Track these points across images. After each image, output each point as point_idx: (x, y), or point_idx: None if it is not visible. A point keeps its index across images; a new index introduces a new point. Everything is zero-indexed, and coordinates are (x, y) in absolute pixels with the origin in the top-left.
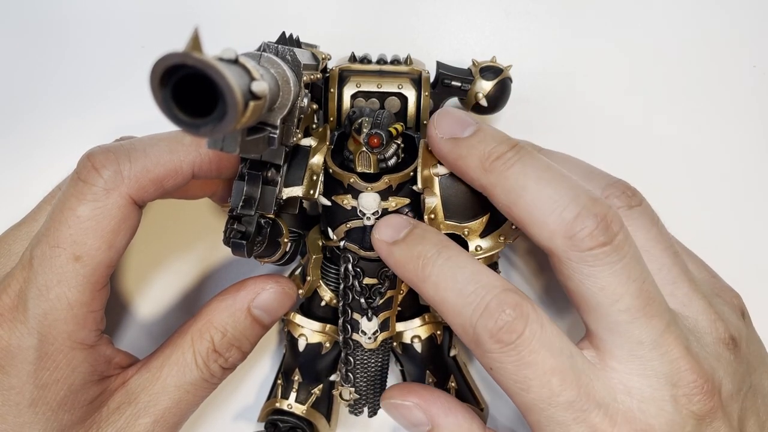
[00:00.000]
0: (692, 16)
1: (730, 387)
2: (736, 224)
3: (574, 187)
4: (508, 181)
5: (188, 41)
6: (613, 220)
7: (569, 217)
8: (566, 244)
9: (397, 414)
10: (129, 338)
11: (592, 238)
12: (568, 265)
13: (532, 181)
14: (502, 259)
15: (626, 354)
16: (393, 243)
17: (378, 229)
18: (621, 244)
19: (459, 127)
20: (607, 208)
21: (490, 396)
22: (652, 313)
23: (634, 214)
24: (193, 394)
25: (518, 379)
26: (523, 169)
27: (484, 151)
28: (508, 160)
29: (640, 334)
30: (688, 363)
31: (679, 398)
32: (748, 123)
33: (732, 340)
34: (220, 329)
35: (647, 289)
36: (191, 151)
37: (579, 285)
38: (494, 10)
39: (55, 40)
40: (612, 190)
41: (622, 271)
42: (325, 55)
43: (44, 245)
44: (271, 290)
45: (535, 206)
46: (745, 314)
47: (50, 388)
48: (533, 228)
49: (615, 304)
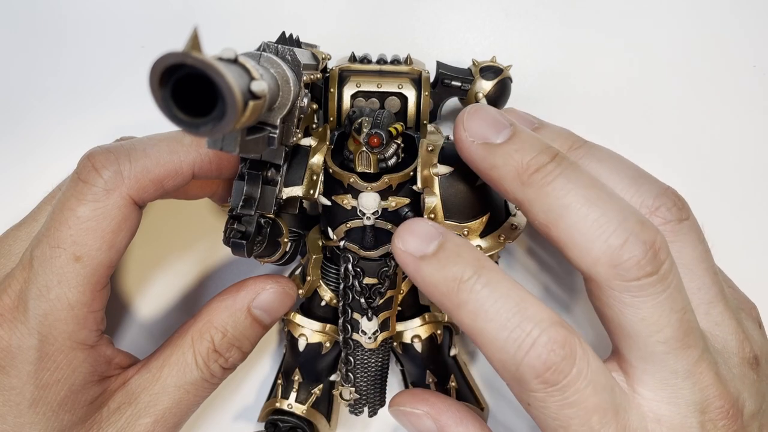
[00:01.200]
0: (692, 16)
1: (752, 407)
2: (737, 225)
3: (623, 209)
4: (549, 199)
5: (188, 41)
6: (660, 247)
7: (616, 244)
8: (610, 272)
9: (405, 421)
10: (129, 338)
11: (639, 269)
12: (608, 294)
13: (576, 199)
14: (503, 259)
15: (658, 382)
16: (421, 258)
17: (401, 238)
18: (667, 274)
19: (492, 130)
20: (656, 234)
21: (491, 396)
22: (689, 343)
23: (684, 228)
24: (193, 394)
25: (558, 418)
26: (566, 185)
27: (521, 161)
28: (548, 174)
29: (675, 365)
30: (718, 389)
31: (705, 424)
32: (748, 123)
33: (755, 360)
34: (221, 329)
35: (687, 319)
36: (191, 151)
37: (618, 314)
38: (494, 10)
39: (55, 40)
40: (663, 200)
41: (666, 302)
42: (325, 54)
43: (44, 246)
44: (271, 290)
45: (578, 229)
46: (761, 326)
47: (51, 388)
48: (574, 251)
49: (655, 335)
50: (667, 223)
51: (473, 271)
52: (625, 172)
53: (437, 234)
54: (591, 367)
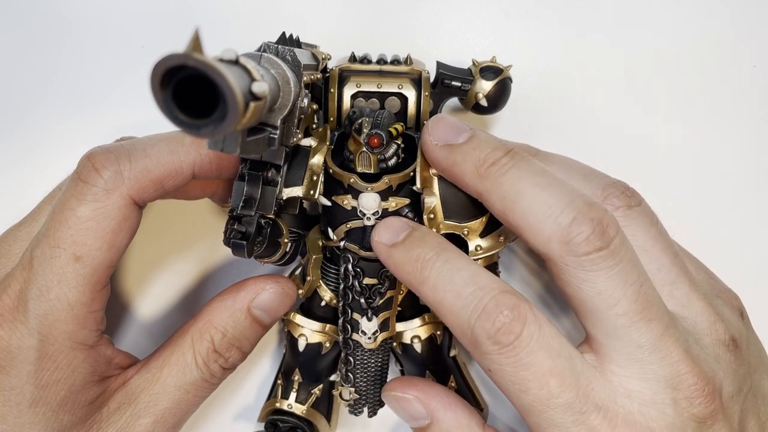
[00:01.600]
0: (692, 16)
1: (730, 389)
2: (736, 225)
3: (570, 192)
4: (503, 187)
5: (189, 42)
6: (609, 224)
7: (565, 222)
8: (563, 249)
9: (397, 406)
10: (129, 338)
11: (588, 243)
12: (565, 271)
13: (528, 186)
14: (502, 260)
15: (625, 358)
16: (392, 245)
17: (377, 231)
18: (617, 249)
19: (453, 134)
20: (603, 212)
21: (490, 396)
22: (650, 316)
23: (633, 213)
24: (193, 394)
25: (516, 381)
26: (518, 175)
27: (479, 157)
28: (503, 166)
29: (639, 338)
30: (688, 366)
31: (679, 401)
32: (748, 123)
33: (732, 341)
34: (220, 329)
35: (645, 293)
36: (191, 151)
37: (576, 290)
38: (494, 10)
39: (55, 40)
40: (611, 189)
41: (619, 275)
42: (325, 55)
43: (44, 246)
44: (271, 290)
45: (531, 212)
46: (744, 315)
47: (50, 388)
48: (529, 234)
49: (612, 308)
50: (616, 209)
51: (435, 252)
52: (577, 170)
53: (407, 226)
54: (543, 332)
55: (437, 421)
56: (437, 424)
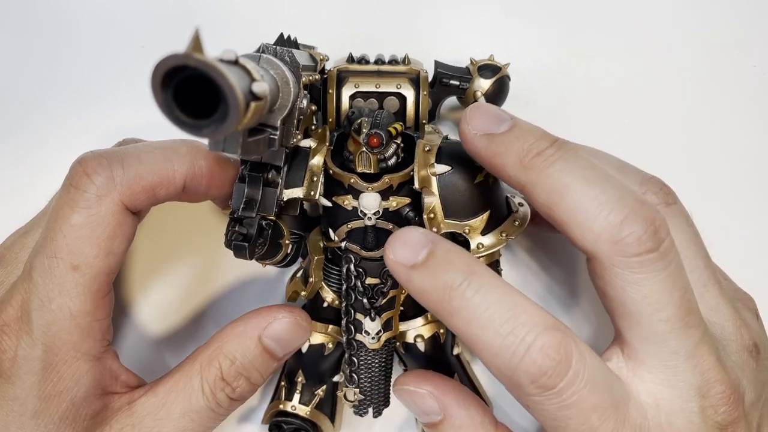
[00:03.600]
0: (692, 17)
1: (752, 395)
2: (736, 225)
3: (621, 188)
4: (550, 180)
5: (189, 42)
6: (661, 225)
7: (616, 221)
8: (612, 249)
9: (409, 401)
10: (130, 343)
11: (639, 244)
12: (610, 271)
13: (576, 180)
14: (505, 255)
15: (659, 364)
16: (412, 267)
17: (392, 248)
18: (668, 251)
19: (494, 123)
20: (655, 212)
21: (494, 394)
22: (691, 323)
23: (671, 212)
24: (198, 423)
25: (557, 419)
26: (566, 167)
27: (522, 147)
28: (549, 157)
29: (677, 345)
30: (719, 374)
31: (706, 409)
32: (748, 123)
33: (755, 347)
34: (229, 357)
35: (689, 299)
36: (186, 161)
37: (620, 292)
38: (494, 10)
39: (55, 41)
40: (649, 186)
41: (668, 279)
42: (323, 56)
43: (42, 256)
44: (283, 320)
45: (579, 207)
46: (759, 318)
47: (53, 400)
48: (576, 230)
49: (657, 313)
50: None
51: (464, 277)
52: (611, 163)
53: (427, 242)
54: (588, 368)
55: (450, 417)
56: (450, 421)
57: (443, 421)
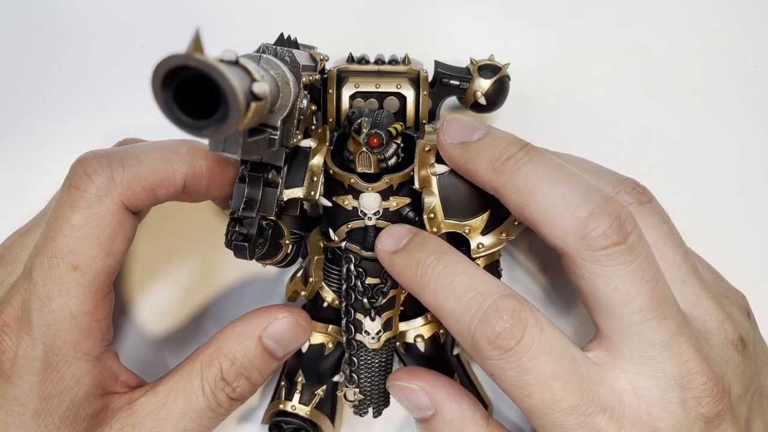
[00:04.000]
0: (692, 16)
1: (738, 389)
2: (737, 224)
3: (587, 186)
4: (519, 181)
5: (190, 43)
6: (626, 219)
7: (582, 216)
8: (579, 243)
9: (401, 396)
10: (130, 342)
11: (605, 237)
12: (580, 265)
13: (544, 180)
14: (505, 257)
15: (636, 355)
16: (394, 252)
17: (380, 239)
18: (635, 244)
19: (468, 131)
20: (621, 207)
21: (494, 394)
22: (664, 314)
23: (644, 210)
24: (198, 423)
25: (519, 385)
26: (534, 169)
27: (493, 152)
28: (518, 161)
29: (652, 336)
30: (699, 365)
31: (688, 400)
32: (748, 123)
33: (741, 341)
34: (230, 357)
35: (660, 290)
36: (186, 161)
37: (591, 285)
38: (494, 10)
39: (56, 41)
40: (622, 186)
41: (636, 271)
42: (323, 56)
43: (42, 256)
44: (283, 320)
45: (547, 206)
46: (750, 315)
47: (53, 400)
48: (546, 228)
49: (628, 305)
50: (628, 206)
51: (434, 256)
52: (586, 167)
53: (409, 233)
54: (545, 335)
55: (441, 412)
56: (441, 415)
57: (435, 416)
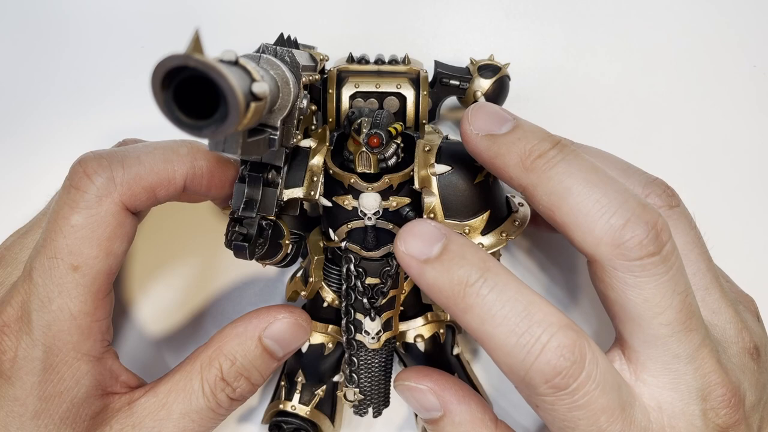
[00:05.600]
0: (692, 16)
1: (752, 398)
2: (738, 224)
3: (623, 192)
4: (552, 182)
5: (189, 43)
6: (662, 228)
7: (618, 224)
8: (613, 252)
9: (409, 396)
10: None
11: (641, 248)
12: (611, 274)
13: (578, 182)
14: (505, 255)
15: (661, 367)
16: (425, 261)
17: (404, 240)
18: (669, 255)
19: (496, 123)
20: (658, 216)
21: (494, 394)
22: (691, 327)
23: (674, 215)
24: (198, 423)
25: (566, 419)
26: (568, 169)
27: (524, 148)
28: (551, 159)
29: (678, 348)
30: (720, 376)
31: (707, 412)
32: (748, 123)
33: (756, 350)
34: (230, 357)
35: (689, 303)
36: (186, 162)
37: (621, 295)
38: (494, 10)
39: (56, 41)
40: (652, 188)
41: (668, 283)
42: (323, 56)
43: (42, 256)
44: (283, 320)
45: (581, 210)
46: (760, 320)
47: (53, 400)
48: (577, 233)
49: (657, 317)
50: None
51: (479, 274)
52: (614, 165)
53: (440, 235)
54: (599, 369)
55: (450, 413)
56: (450, 417)
57: (443, 418)
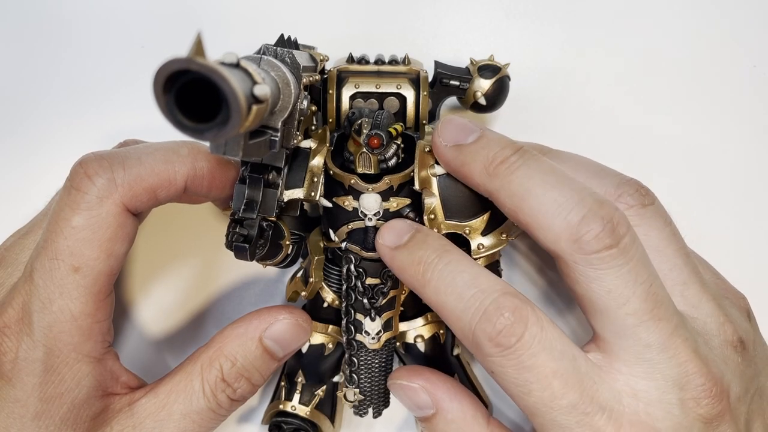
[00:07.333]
0: (692, 16)
1: (737, 390)
2: (738, 224)
3: (580, 190)
4: (513, 185)
5: (191, 46)
6: (619, 222)
7: (574, 220)
8: (572, 247)
9: (402, 395)
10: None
11: (598, 241)
12: (574, 269)
13: (537, 184)
14: (504, 258)
15: (633, 357)
16: (395, 248)
17: (381, 234)
18: (628, 247)
19: (462, 134)
20: (614, 210)
21: (494, 394)
22: (659, 315)
23: (647, 213)
24: (198, 424)
25: (519, 383)
26: (528, 173)
27: (487, 156)
28: (512, 164)
29: (648, 337)
30: (697, 366)
31: (686, 401)
32: (748, 123)
33: (740, 343)
34: (230, 358)
35: (655, 292)
36: (187, 162)
37: (585, 288)
38: (494, 10)
39: (56, 41)
40: (625, 188)
41: (629, 273)
42: (323, 56)
43: (43, 258)
44: (284, 321)
45: (540, 210)
46: (751, 316)
47: (54, 401)
48: (539, 232)
49: (622, 307)
50: (630, 208)
51: (436, 254)
52: (588, 168)
53: (410, 228)
54: (546, 333)
55: (442, 411)
56: (442, 414)
57: (436, 415)
